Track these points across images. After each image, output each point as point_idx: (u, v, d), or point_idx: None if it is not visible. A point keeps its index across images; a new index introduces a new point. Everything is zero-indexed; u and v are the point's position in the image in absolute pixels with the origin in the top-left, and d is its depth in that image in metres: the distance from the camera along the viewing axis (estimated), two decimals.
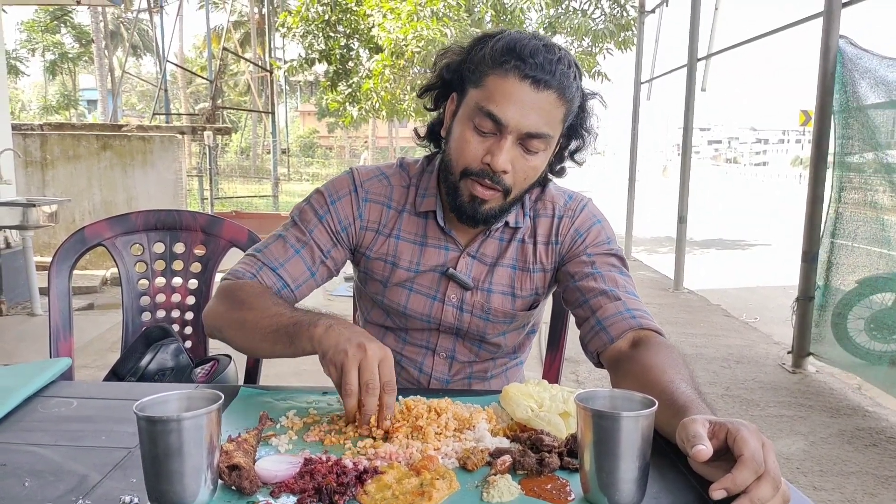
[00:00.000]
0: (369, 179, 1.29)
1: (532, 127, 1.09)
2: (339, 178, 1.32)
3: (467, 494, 0.77)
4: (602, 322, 1.16)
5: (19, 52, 31.91)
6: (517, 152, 1.12)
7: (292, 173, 24.42)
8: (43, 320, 4.72)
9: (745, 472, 0.70)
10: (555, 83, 1.08)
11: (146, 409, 0.73)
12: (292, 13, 9.69)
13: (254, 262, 1.23)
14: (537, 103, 1.08)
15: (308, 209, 1.28)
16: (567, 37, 9.58)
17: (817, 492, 2.55)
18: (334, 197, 1.28)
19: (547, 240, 1.28)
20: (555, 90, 1.08)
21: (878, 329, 3.57)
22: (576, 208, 1.29)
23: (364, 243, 1.29)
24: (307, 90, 34.90)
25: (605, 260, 1.24)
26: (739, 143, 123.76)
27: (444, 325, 1.29)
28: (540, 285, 1.30)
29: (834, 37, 3.77)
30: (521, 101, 1.08)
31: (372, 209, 1.28)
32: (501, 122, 1.09)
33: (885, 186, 3.49)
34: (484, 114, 1.10)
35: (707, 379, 3.85)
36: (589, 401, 0.77)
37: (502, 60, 1.09)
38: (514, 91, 1.08)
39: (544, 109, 1.09)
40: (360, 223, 1.28)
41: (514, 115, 1.08)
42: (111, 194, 6.87)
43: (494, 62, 1.10)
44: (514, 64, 1.07)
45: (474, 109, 1.11)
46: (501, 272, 1.27)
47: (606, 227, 1.31)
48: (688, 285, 6.65)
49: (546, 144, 1.13)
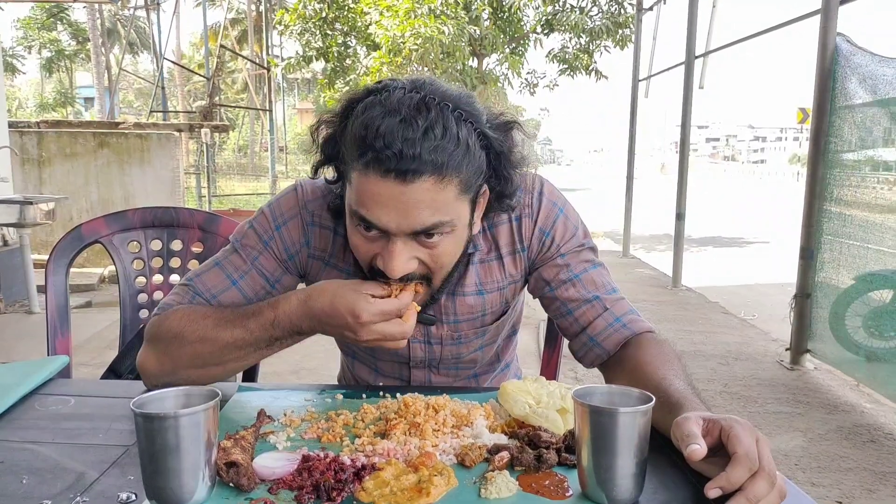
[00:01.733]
0: (315, 200, 1.13)
1: (417, 224, 0.90)
2: (284, 195, 1.15)
3: (465, 491, 0.77)
4: (595, 339, 1.12)
5: (16, 50, 31.83)
6: (415, 247, 0.94)
7: (290, 171, 24.39)
8: (41, 318, 4.71)
9: (740, 470, 0.70)
10: (426, 168, 0.87)
11: (143, 405, 0.73)
12: (290, 10, 9.68)
13: (185, 291, 1.10)
14: (411, 197, 0.88)
15: (251, 234, 1.13)
16: (565, 34, 9.58)
17: (815, 488, 2.56)
18: (279, 221, 1.12)
19: (511, 249, 1.14)
20: (429, 174, 0.88)
21: (875, 326, 3.58)
22: (532, 203, 1.13)
23: (312, 272, 1.16)
24: (305, 88, 34.85)
25: (578, 258, 1.14)
26: (737, 140, 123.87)
27: (415, 359, 1.22)
28: (510, 297, 1.20)
29: (831, 34, 3.77)
30: (392, 200, 0.89)
31: (319, 235, 1.13)
32: (378, 228, 0.92)
33: (883, 184, 3.50)
34: (358, 218, 0.93)
35: (705, 376, 3.86)
36: (586, 397, 0.77)
37: (359, 154, 0.89)
38: (380, 191, 0.89)
39: (423, 201, 0.89)
40: (306, 250, 1.14)
41: (392, 219, 0.90)
42: (108, 192, 6.87)
43: (352, 156, 0.91)
44: (372, 156, 0.87)
45: (351, 210, 0.95)
46: (465, 301, 1.16)
47: (569, 212, 1.16)
48: (686, 283, 6.66)
49: (450, 227, 0.94)
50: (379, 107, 0.89)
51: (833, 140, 3.76)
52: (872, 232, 3.54)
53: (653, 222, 12.67)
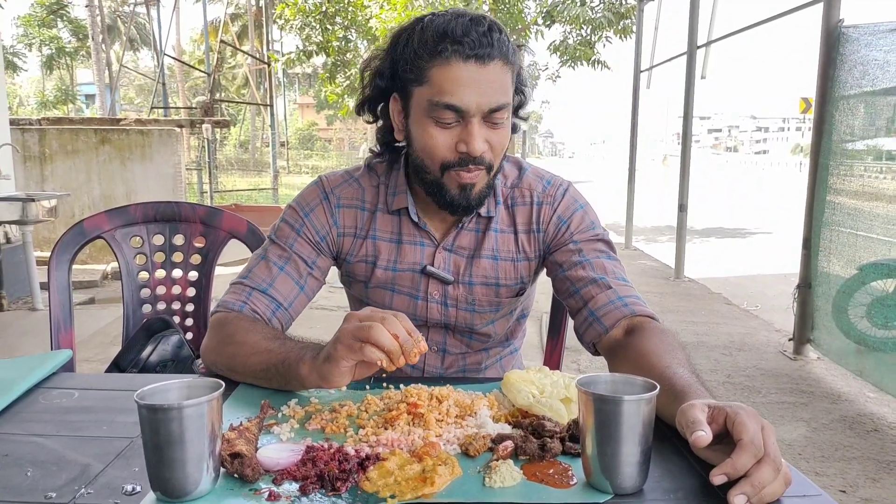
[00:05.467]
0: (339, 186, 1.28)
1: (492, 103, 1.08)
2: (307, 190, 1.31)
3: (469, 480, 0.77)
4: (595, 312, 1.16)
5: (16, 48, 31.80)
6: (485, 130, 1.11)
7: (291, 166, 24.39)
8: (44, 315, 4.72)
9: (745, 457, 0.70)
10: (496, 53, 1.07)
11: (147, 397, 0.73)
12: (290, 5, 9.64)
13: (241, 289, 1.21)
14: (488, 78, 1.07)
15: (284, 226, 1.27)
16: (566, 25, 9.54)
17: (819, 477, 2.56)
18: (307, 209, 1.26)
19: (528, 228, 1.26)
20: (498, 59, 1.07)
21: (879, 316, 3.57)
22: (555, 194, 1.27)
23: (344, 249, 1.28)
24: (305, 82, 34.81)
25: (591, 246, 1.23)
26: (739, 131, 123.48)
27: (431, 321, 1.29)
28: (525, 274, 1.29)
29: (834, 22, 3.74)
30: (473, 81, 1.06)
31: (346, 214, 1.27)
32: (462, 109, 1.07)
33: (886, 174, 3.48)
34: (441, 107, 1.08)
35: (708, 367, 3.86)
36: (591, 385, 0.77)
37: (439, 49, 1.06)
38: (462, 75, 1.06)
39: (496, 81, 1.08)
40: (336, 230, 1.27)
41: (472, 98, 1.07)
42: (110, 188, 6.87)
43: (431, 53, 1.07)
44: (453, 49, 1.05)
45: (428, 106, 1.09)
46: (481, 263, 1.26)
47: (589, 211, 1.28)
48: (688, 274, 6.65)
49: (507, 112, 1.13)
50: (444, 16, 1.09)
51: (836, 129, 3.74)
52: (876, 221, 3.53)
53: (655, 214, 12.65)
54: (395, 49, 1.13)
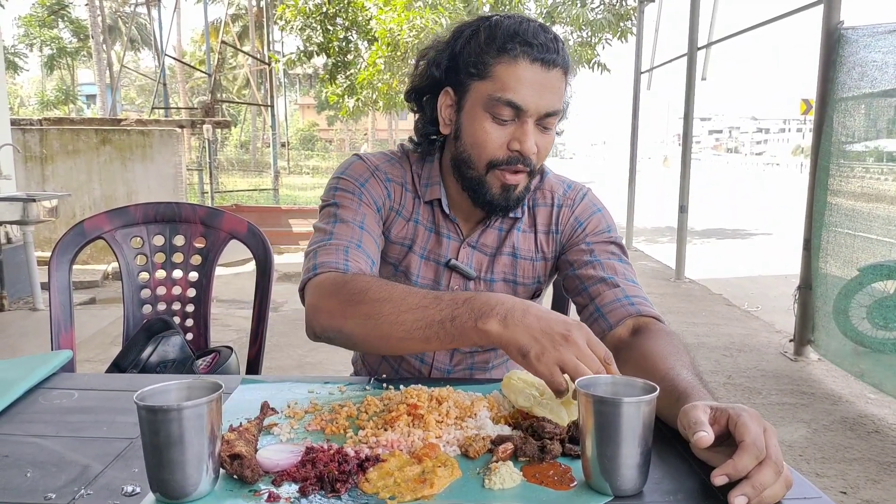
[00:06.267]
0: (383, 163, 1.28)
1: (550, 107, 1.12)
2: (350, 165, 1.27)
3: (469, 481, 0.77)
4: (601, 309, 1.16)
5: (17, 48, 31.82)
6: (537, 132, 1.13)
7: (292, 166, 24.39)
8: (45, 315, 4.72)
9: (747, 458, 0.70)
10: (560, 61, 1.11)
11: (147, 398, 0.73)
12: (290, 6, 9.64)
13: (333, 248, 1.13)
14: (549, 82, 1.11)
15: (343, 194, 1.22)
16: (566, 27, 9.53)
17: (820, 478, 2.56)
18: (360, 179, 1.24)
19: (547, 229, 1.29)
20: (560, 67, 1.11)
21: (880, 317, 3.56)
22: (575, 197, 1.30)
23: (388, 223, 1.27)
24: (306, 83, 34.81)
25: (604, 248, 1.25)
26: (740, 132, 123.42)
27: None
28: (542, 273, 1.31)
29: (834, 24, 3.74)
30: (536, 83, 1.10)
31: (395, 190, 1.27)
32: (521, 108, 1.10)
33: (888, 175, 3.48)
34: (502, 103, 1.10)
35: (709, 368, 3.85)
36: (591, 387, 0.77)
37: (508, 48, 1.09)
38: (528, 75, 1.09)
39: (555, 87, 1.12)
40: (389, 203, 1.26)
41: (533, 99, 1.10)
42: (111, 188, 6.87)
43: (500, 50, 1.10)
44: (522, 49, 1.09)
45: (488, 101, 1.11)
46: (502, 261, 1.28)
47: (606, 215, 1.31)
48: (689, 275, 6.65)
49: (557, 120, 1.16)
50: (514, 18, 1.13)
51: (835, 131, 3.74)
52: (876, 223, 3.52)
53: (656, 215, 12.65)
54: (456, 42, 1.16)
